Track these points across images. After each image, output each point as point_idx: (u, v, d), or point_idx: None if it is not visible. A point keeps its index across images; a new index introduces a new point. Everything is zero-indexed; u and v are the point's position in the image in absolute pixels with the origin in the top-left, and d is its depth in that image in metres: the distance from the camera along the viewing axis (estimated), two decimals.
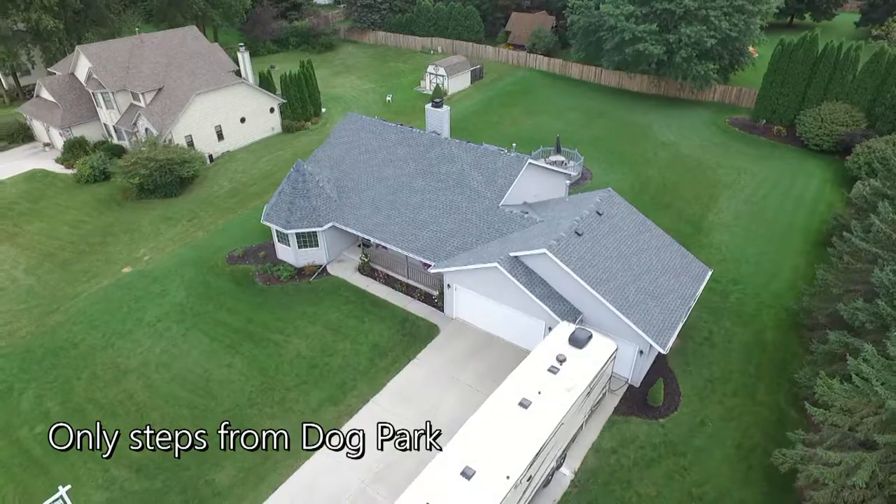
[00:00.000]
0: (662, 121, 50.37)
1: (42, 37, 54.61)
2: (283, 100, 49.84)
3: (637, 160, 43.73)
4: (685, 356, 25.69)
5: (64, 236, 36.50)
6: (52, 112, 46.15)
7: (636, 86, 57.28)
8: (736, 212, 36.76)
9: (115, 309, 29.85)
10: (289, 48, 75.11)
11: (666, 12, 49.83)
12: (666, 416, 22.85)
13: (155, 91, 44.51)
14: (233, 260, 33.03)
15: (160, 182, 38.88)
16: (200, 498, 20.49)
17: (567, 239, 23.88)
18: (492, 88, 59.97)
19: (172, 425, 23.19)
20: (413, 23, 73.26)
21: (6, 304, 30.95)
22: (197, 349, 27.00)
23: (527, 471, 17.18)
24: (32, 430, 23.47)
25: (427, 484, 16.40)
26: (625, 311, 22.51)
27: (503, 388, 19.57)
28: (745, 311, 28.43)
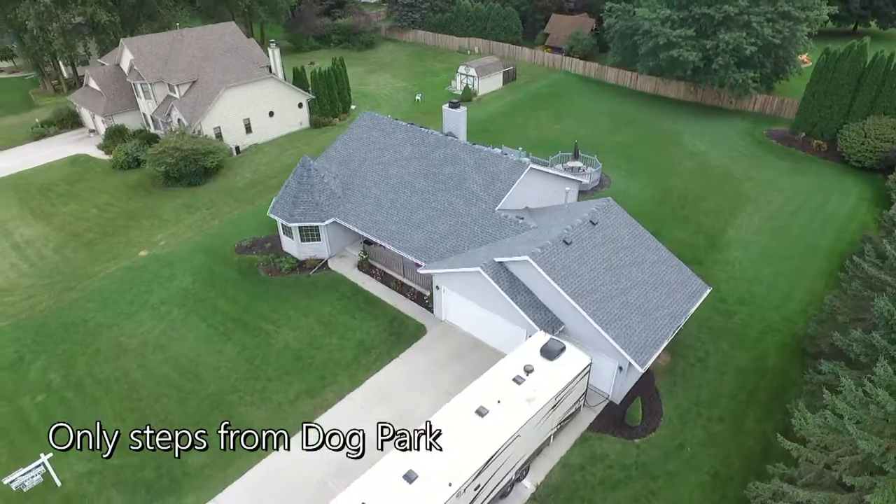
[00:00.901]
0: (695, 129, 48.46)
1: (98, 30, 58.02)
2: (311, 96, 50.97)
3: (661, 169, 42.25)
4: (674, 376, 24.67)
5: (92, 218, 38.67)
6: (97, 100, 48.94)
7: (673, 92, 55.33)
8: (757, 228, 34.95)
9: (126, 290, 31.39)
10: (330, 45, 76.73)
11: (705, 17, 47.88)
12: (643, 437, 22.03)
13: (189, 83, 46.44)
14: (241, 249, 34.08)
15: (185, 171, 40.56)
16: (171, 475, 21.30)
17: (552, 247, 23.38)
18: (523, 91, 59.32)
19: (157, 405, 24.24)
20: (452, 22, 73.38)
21: (32, 279, 33.09)
22: (193, 334, 28.04)
23: (473, 480, 16.97)
24: (34, 399, 25.01)
25: (368, 484, 16.45)
26: (604, 324, 21.83)
27: (463, 394, 19.39)
28: (747, 334, 27.01)
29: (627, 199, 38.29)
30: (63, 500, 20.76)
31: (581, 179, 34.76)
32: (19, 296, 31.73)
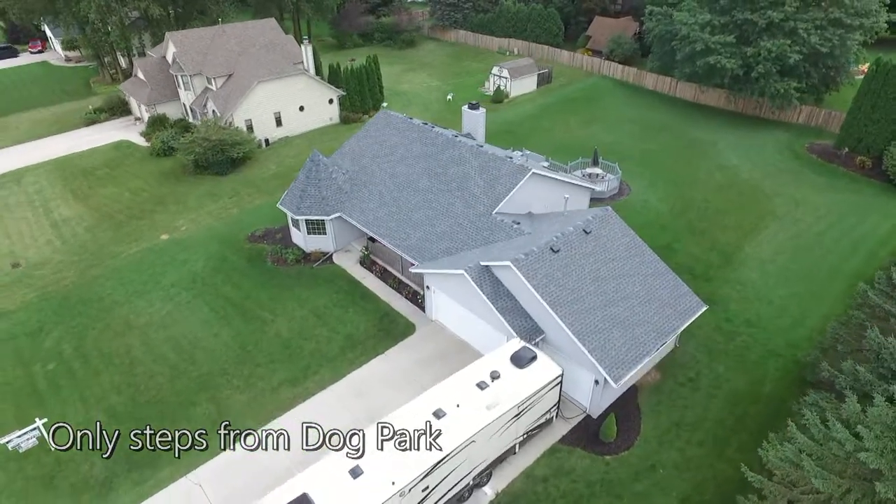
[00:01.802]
0: (729, 140, 46.40)
1: (152, 23, 61.21)
2: (342, 92, 52.02)
3: (686, 180, 40.73)
4: (659, 394, 23.83)
5: (125, 201, 40.95)
6: (143, 90, 51.70)
7: (713, 101, 53.13)
8: (778, 246, 33.17)
9: (142, 270, 33.10)
10: (373, 43, 77.89)
11: (747, 23, 45.71)
12: (614, 454, 21.41)
13: (226, 77, 48.38)
14: (253, 239, 35.27)
15: (212, 160, 42.31)
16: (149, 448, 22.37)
17: (538, 254, 23.05)
18: (556, 94, 58.43)
19: (150, 381, 25.50)
20: (493, 23, 73.07)
21: (64, 255, 35.40)
22: (195, 316, 29.28)
23: (419, 481, 17.02)
24: (45, 367, 26.81)
25: (314, 476, 16.80)
26: (581, 335, 21.36)
27: (424, 395, 19.46)
28: (748, 357, 25.74)
29: (645, 208, 37.26)
30: (55, 462, 22.17)
31: (593, 186, 33.96)
32: (49, 270, 34.02)
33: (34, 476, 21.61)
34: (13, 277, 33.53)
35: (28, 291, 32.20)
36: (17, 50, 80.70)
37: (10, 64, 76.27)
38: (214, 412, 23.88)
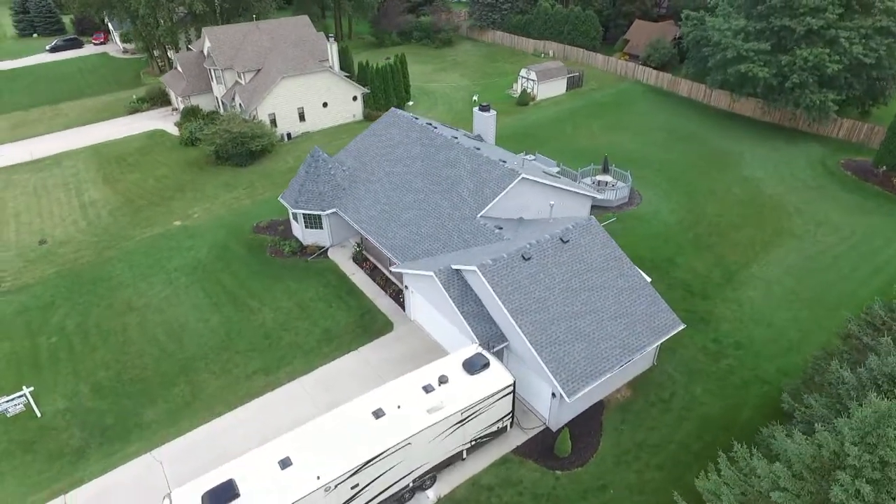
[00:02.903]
0: (758, 152, 44.15)
1: (196, 20, 64.00)
2: (366, 89, 52.79)
3: (702, 192, 39.07)
4: (626, 412, 23.06)
5: (149, 187, 43.10)
6: (180, 82, 54.20)
7: (748, 110, 50.65)
8: (788, 267, 31.35)
9: (151, 254, 34.77)
10: (411, 42, 78.56)
11: (785, 30, 43.32)
12: (567, 470, 20.90)
13: (255, 72, 50.04)
14: (258, 229, 36.39)
15: (232, 152, 43.90)
16: (125, 423, 23.56)
17: (507, 261, 22.75)
18: (585, 98, 57.21)
19: (138, 360, 26.80)
20: (530, 24, 72.25)
21: (85, 235, 37.64)
22: (191, 301, 30.53)
23: (346, 478, 17.19)
24: (48, 340, 28.63)
25: (245, 463, 17.25)
26: (539, 346, 20.95)
27: (369, 394, 19.60)
28: (730, 381, 24.52)
29: (653, 219, 36.07)
30: (39, 429, 23.67)
31: (594, 194, 33.13)
32: (70, 248, 36.26)
33: (17, 440, 23.15)
34: (38, 254, 35.92)
35: (48, 267, 34.43)
36: (82, 41, 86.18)
37: (74, 54, 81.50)
38: (189, 394, 24.87)
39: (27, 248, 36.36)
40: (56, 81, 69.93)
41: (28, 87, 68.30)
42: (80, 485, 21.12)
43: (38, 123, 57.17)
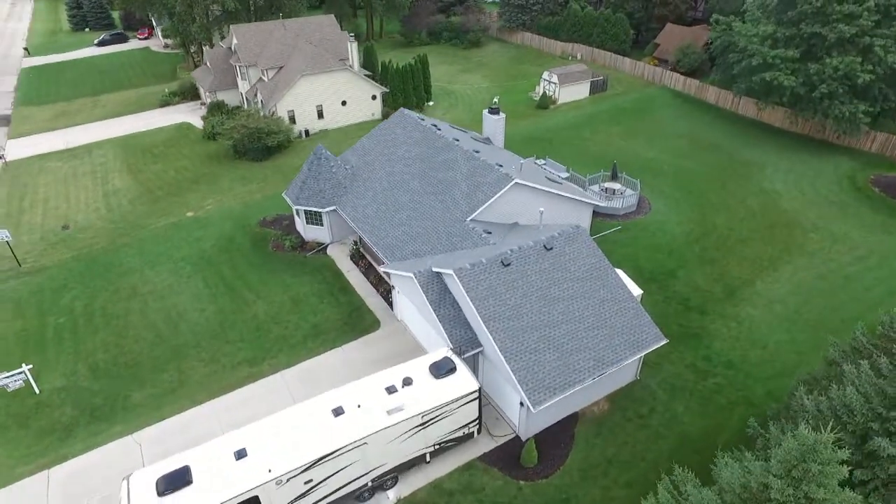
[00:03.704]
0: (781, 164, 42.40)
1: (230, 17, 65.85)
2: (385, 89, 53.24)
3: (715, 204, 37.81)
4: (601, 426, 22.59)
5: (169, 178, 44.68)
6: (207, 77, 55.93)
7: (777, 120, 48.68)
8: (795, 286, 30.04)
9: (161, 243, 36.06)
10: (440, 42, 78.74)
11: (815, 37, 41.45)
12: (531, 480, 20.64)
13: (277, 69, 51.17)
14: (264, 224, 37.24)
15: (249, 146, 45.05)
16: (112, 405, 24.57)
17: (486, 266, 22.63)
18: (608, 102, 56.13)
19: (135, 344, 27.88)
20: (560, 27, 71.33)
21: (103, 222, 39.35)
22: (191, 290, 31.53)
23: (299, 473, 17.47)
24: (56, 320, 30.08)
25: (202, 452, 17.74)
26: (509, 354, 20.76)
27: (333, 392, 19.84)
28: (714, 402, 23.70)
29: (659, 230, 35.16)
30: (35, 405, 24.94)
31: (596, 202, 32.56)
32: (89, 234, 37.97)
33: (14, 414, 24.44)
34: (59, 238, 37.76)
35: (66, 251, 36.16)
36: (128, 36, 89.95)
37: (118, 48, 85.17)
38: (175, 380, 25.72)
39: (50, 233, 38.26)
40: (99, 74, 73.23)
41: (74, 80, 71.75)
42: (64, 461, 22.14)
43: (78, 114, 60.01)
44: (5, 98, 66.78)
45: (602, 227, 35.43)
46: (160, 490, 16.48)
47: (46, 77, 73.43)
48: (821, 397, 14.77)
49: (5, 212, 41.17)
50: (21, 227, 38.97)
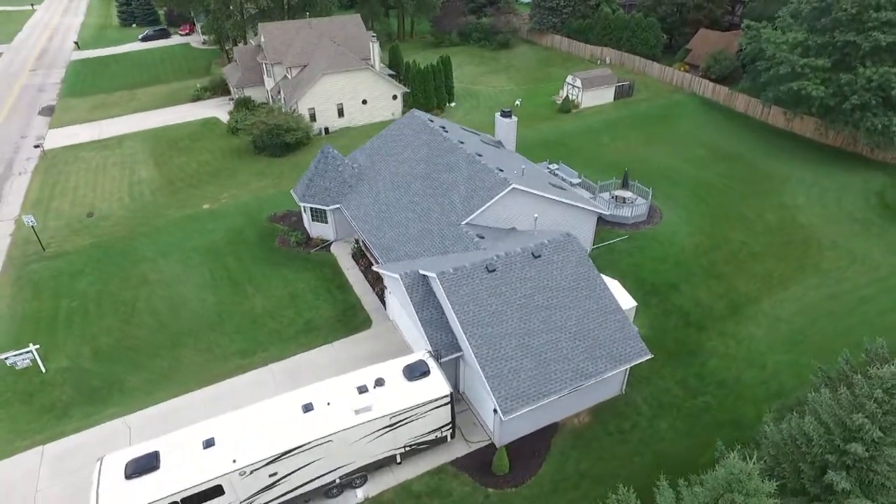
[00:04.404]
0: (805, 177, 40.68)
1: (262, 15, 67.49)
2: (406, 89, 53.59)
3: (729, 216, 36.58)
4: (579, 439, 22.23)
5: (190, 171, 46.16)
6: (236, 73, 57.48)
7: (807, 131, 46.71)
8: (804, 306, 28.81)
9: (175, 233, 37.30)
10: (470, 43, 78.66)
11: (849, 45, 39.60)
12: (499, 489, 20.48)
13: (301, 67, 52.18)
14: (273, 219, 38.05)
15: (268, 142, 46.09)
16: (108, 387, 25.60)
17: (470, 270, 22.57)
18: (632, 108, 54.98)
19: (137, 330, 28.97)
20: (590, 30, 70.25)
21: (125, 211, 40.96)
22: (196, 280, 32.51)
23: (263, 466, 17.84)
24: (70, 303, 31.49)
25: (172, 439, 18.32)
26: (484, 360, 20.65)
27: (306, 388, 20.17)
28: (700, 421, 22.99)
29: (667, 241, 34.29)
30: (41, 383, 26.19)
31: (601, 210, 32.00)
32: (110, 222, 39.61)
33: (20, 391, 25.74)
34: (83, 225, 39.51)
35: (88, 238, 37.80)
36: (170, 32, 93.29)
37: (160, 44, 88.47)
38: (169, 367, 26.60)
39: (75, 220, 40.07)
40: (139, 68, 76.25)
41: (115, 73, 74.93)
42: (58, 439, 23.20)
43: (115, 106, 62.62)
44: (52, 89, 70.25)
45: (609, 235, 34.78)
46: (128, 473, 17.12)
47: (91, 70, 76.89)
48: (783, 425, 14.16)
49: (37, 198, 43.36)
50: (49, 213, 40.96)
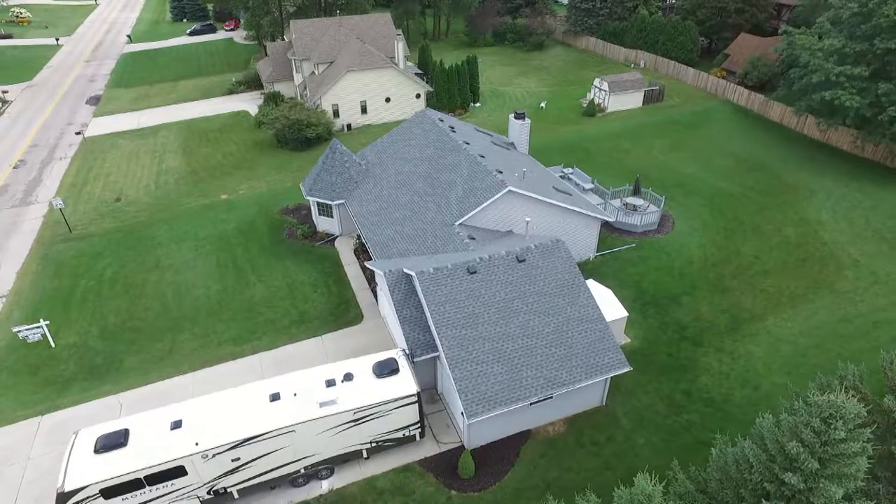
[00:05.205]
0: (835, 191, 38.61)
1: (299, 11, 69.10)
2: (430, 88, 53.79)
3: (746, 229, 35.14)
4: (550, 448, 21.86)
5: (214, 161, 47.75)
6: (268, 69, 59.03)
7: (844, 142, 44.33)
8: (812, 326, 27.40)
9: (191, 221, 38.69)
10: (504, 43, 78.25)
11: (890, 53, 37.36)
12: (462, 492, 20.39)
13: (328, 64, 53.14)
14: (285, 211, 38.95)
15: (289, 137, 47.18)
16: (108, 365, 26.83)
17: (450, 271, 22.56)
18: (660, 114, 53.47)
19: (143, 312, 30.21)
20: (625, 33, 68.68)
21: (149, 198, 42.76)
22: (203, 268, 33.64)
23: (225, 450, 18.36)
24: (87, 283, 33.16)
25: (142, 419, 19.07)
26: (454, 361, 20.61)
27: (276, 378, 20.63)
28: (681, 439, 22.19)
29: (675, 252, 33.33)
30: (49, 357, 27.70)
31: (605, 217, 31.33)
32: (135, 208, 41.46)
33: (29, 363, 27.29)
34: (110, 209, 41.50)
35: (112, 222, 39.69)
36: (216, 27, 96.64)
37: (206, 38, 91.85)
38: (167, 350, 27.65)
39: (103, 204, 42.13)
40: (183, 61, 79.36)
41: (160, 66, 78.25)
42: (54, 411, 24.50)
43: (156, 97, 65.42)
44: (101, 80, 73.97)
45: (616, 242, 34.03)
46: (97, 448, 17.95)
47: (139, 62, 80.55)
48: (730, 448, 13.53)
49: (72, 182, 45.80)
50: (81, 197, 43.21)
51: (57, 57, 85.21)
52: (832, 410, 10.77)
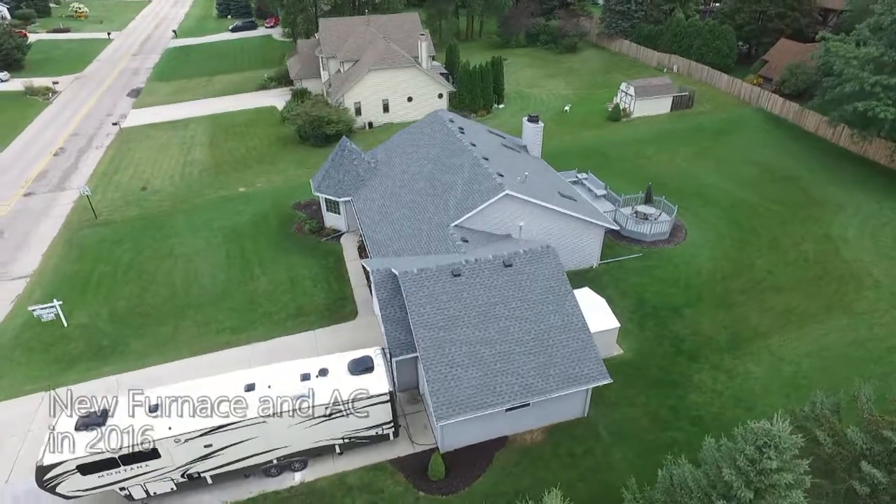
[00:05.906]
0: (865, 207, 36.62)
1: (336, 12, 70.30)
2: (452, 88, 53.80)
3: (762, 243, 33.76)
4: (525, 456, 21.60)
5: (237, 155, 49.13)
6: (297, 66, 60.27)
7: (881, 156, 41.99)
8: (820, 349, 26.09)
9: (209, 212, 39.93)
10: (536, 45, 77.48)
11: None
12: (431, 494, 20.37)
13: (353, 62, 53.86)
14: (297, 206, 39.71)
15: (309, 133, 48.08)
16: (113, 347, 28.01)
17: (434, 273, 22.56)
18: (688, 120, 51.89)
19: (152, 298, 31.40)
20: (659, 36, 66.92)
21: (175, 189, 44.34)
22: (213, 258, 34.68)
23: (197, 437, 18.92)
24: (105, 268, 34.68)
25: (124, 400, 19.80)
26: (429, 363, 20.60)
27: (254, 369, 21.11)
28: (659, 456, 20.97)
29: (684, 262, 32.41)
30: (61, 336, 29.11)
31: (610, 224, 30.69)
32: (158, 197, 43.10)
33: (42, 340, 28.77)
34: (136, 198, 43.27)
35: (136, 210, 41.38)
36: (257, 24, 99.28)
37: (246, 35, 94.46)
38: (169, 336, 28.64)
39: (129, 192, 43.96)
40: (221, 57, 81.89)
41: (200, 61, 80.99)
42: (57, 387, 25.73)
43: (192, 91, 67.78)
44: (144, 73, 77.14)
45: (622, 251, 33.27)
46: (77, 425, 18.78)
47: (181, 57, 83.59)
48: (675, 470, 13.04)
49: (104, 170, 47.96)
50: (110, 185, 45.22)
51: (107, 50, 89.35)
52: (766, 439, 10.22)
